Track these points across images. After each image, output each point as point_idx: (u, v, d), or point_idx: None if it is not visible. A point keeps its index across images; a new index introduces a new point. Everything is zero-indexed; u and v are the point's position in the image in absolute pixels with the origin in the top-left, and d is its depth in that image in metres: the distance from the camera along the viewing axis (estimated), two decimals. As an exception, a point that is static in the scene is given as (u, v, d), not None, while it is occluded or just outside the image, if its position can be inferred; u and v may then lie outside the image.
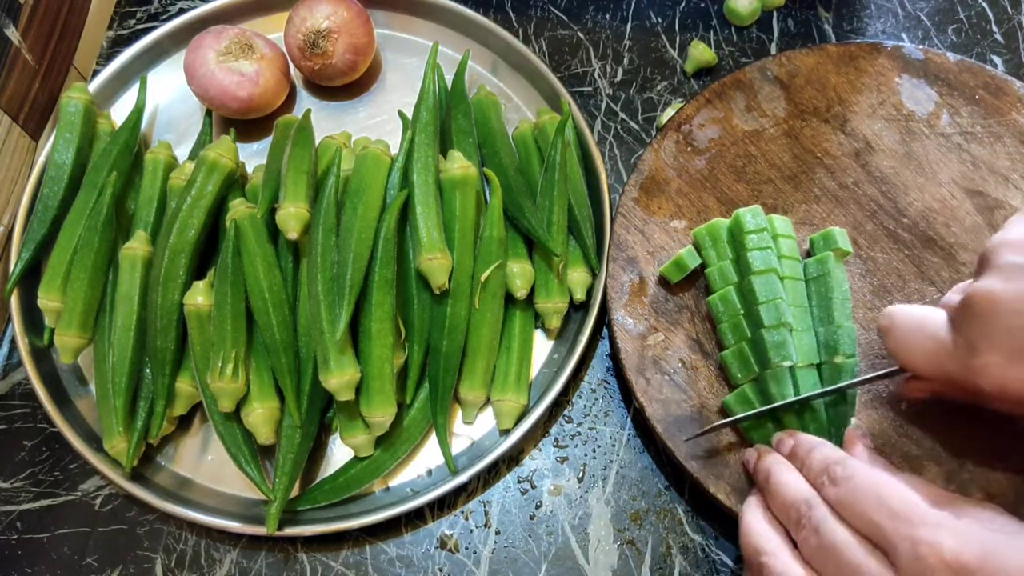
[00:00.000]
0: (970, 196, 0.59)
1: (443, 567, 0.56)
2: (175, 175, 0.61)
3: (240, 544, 0.57)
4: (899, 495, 0.40)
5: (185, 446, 0.59)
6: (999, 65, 0.69)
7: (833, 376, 0.53)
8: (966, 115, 0.61)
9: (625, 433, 0.59)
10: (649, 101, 0.69)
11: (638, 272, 0.58)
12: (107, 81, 0.67)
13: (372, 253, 0.55)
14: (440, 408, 0.57)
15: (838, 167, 0.61)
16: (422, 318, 0.58)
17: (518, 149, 0.64)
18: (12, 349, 0.62)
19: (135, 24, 0.73)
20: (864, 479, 0.41)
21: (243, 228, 0.56)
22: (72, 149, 0.62)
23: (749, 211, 0.55)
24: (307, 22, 0.63)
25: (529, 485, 0.58)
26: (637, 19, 0.72)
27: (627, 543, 0.56)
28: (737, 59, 0.70)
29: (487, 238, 0.58)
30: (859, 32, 0.71)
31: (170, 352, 0.55)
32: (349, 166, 0.59)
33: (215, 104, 0.63)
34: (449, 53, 0.68)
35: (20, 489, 0.58)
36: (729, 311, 0.55)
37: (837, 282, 0.55)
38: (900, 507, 0.39)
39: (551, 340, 0.61)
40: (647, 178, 0.61)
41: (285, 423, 0.55)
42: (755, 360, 0.53)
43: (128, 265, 0.57)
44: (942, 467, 0.53)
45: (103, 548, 0.57)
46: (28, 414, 0.61)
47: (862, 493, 0.41)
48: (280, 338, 0.54)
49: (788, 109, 0.62)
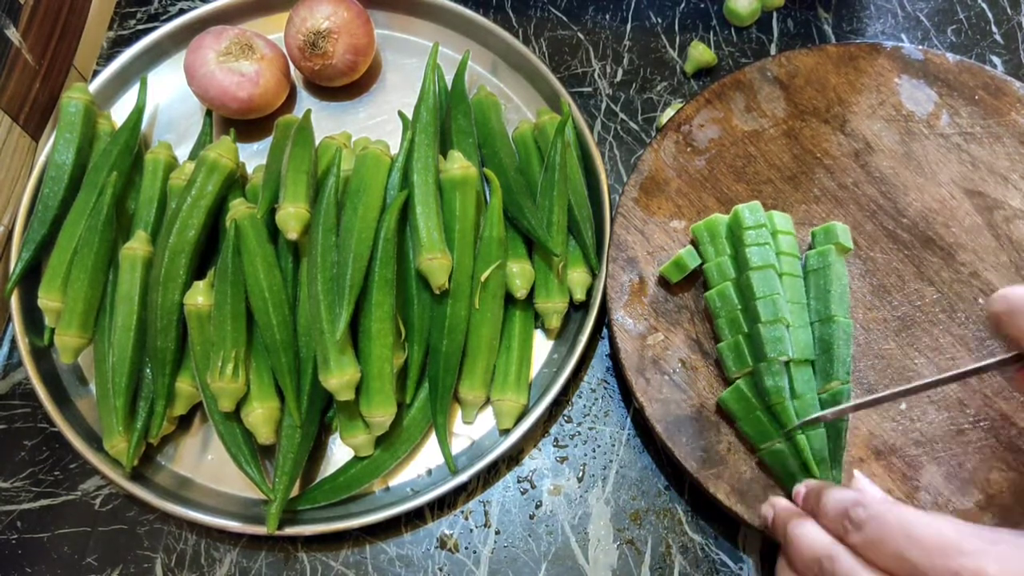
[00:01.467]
0: (969, 196, 0.59)
1: (443, 567, 0.56)
2: (175, 175, 0.61)
3: (240, 544, 0.57)
4: (930, 529, 0.38)
5: (185, 446, 0.59)
6: (999, 66, 0.69)
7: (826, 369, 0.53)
8: (966, 115, 0.61)
9: (625, 433, 0.59)
10: (649, 101, 0.69)
11: (638, 272, 0.58)
12: (107, 81, 0.67)
13: (372, 253, 0.55)
14: (440, 408, 0.57)
15: (838, 167, 0.61)
16: (422, 318, 0.58)
17: (518, 149, 0.64)
18: (12, 349, 0.62)
19: (135, 24, 0.73)
20: (888, 518, 0.40)
21: (243, 228, 0.56)
22: (72, 149, 0.62)
23: (748, 207, 0.56)
24: (307, 22, 0.63)
25: (529, 485, 0.58)
26: (637, 19, 0.72)
27: (627, 543, 0.56)
28: (737, 59, 0.70)
29: (487, 238, 0.58)
30: (859, 33, 0.71)
31: (170, 352, 0.55)
32: (349, 166, 0.59)
33: (215, 104, 0.63)
34: (449, 53, 0.68)
35: (20, 489, 0.58)
36: (726, 306, 0.55)
37: (837, 276, 0.55)
38: (935, 541, 0.38)
39: (551, 340, 0.61)
40: (647, 178, 0.61)
41: (285, 423, 0.55)
42: (750, 354, 0.53)
43: (128, 265, 0.57)
44: (941, 467, 0.53)
45: (103, 548, 0.57)
46: (28, 414, 0.61)
47: (890, 533, 0.39)
48: (280, 338, 0.55)
49: (788, 109, 0.62)
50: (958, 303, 0.57)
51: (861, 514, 0.41)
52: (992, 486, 0.52)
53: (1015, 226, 0.58)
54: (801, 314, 0.54)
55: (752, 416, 0.53)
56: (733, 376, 0.54)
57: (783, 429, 0.52)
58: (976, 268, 0.57)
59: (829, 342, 0.53)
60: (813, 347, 0.54)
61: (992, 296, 0.45)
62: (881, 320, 0.57)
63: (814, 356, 0.54)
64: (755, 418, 0.53)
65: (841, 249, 0.56)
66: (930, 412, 0.54)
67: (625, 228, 0.59)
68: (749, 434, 0.53)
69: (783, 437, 0.52)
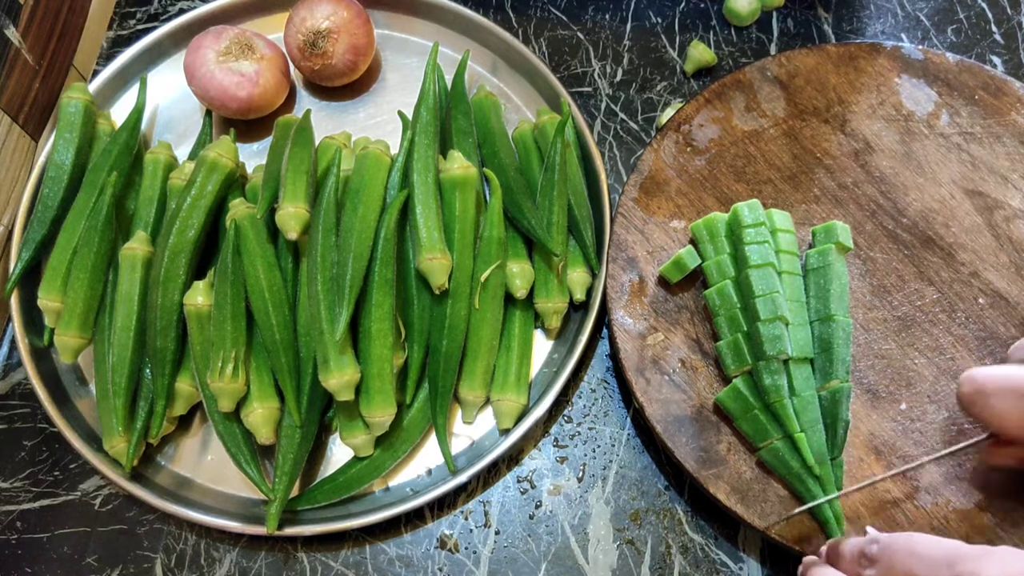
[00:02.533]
0: (969, 196, 0.59)
1: (443, 567, 0.56)
2: (175, 175, 0.61)
3: (240, 544, 0.57)
4: (934, 545, 0.39)
5: (185, 446, 0.59)
6: (999, 65, 0.69)
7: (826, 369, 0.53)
8: (966, 115, 0.61)
9: (625, 433, 0.59)
10: (649, 101, 0.69)
11: (638, 272, 0.58)
12: (107, 81, 0.67)
13: (372, 253, 0.55)
14: (440, 408, 0.57)
15: (838, 167, 0.61)
16: (422, 318, 0.58)
17: (518, 149, 0.64)
18: (12, 349, 0.62)
19: (135, 24, 0.73)
20: (897, 544, 0.41)
21: (243, 228, 0.56)
22: (72, 149, 0.62)
23: (747, 205, 0.56)
24: (307, 22, 0.63)
25: (529, 485, 0.58)
26: (637, 19, 0.72)
27: (627, 543, 0.56)
28: (737, 59, 0.70)
29: (487, 238, 0.58)
30: (859, 32, 0.71)
31: (170, 352, 0.55)
32: (349, 166, 0.59)
33: (215, 104, 0.63)
34: (449, 53, 0.68)
35: (20, 489, 0.58)
36: (725, 304, 0.55)
37: (836, 274, 0.55)
38: (938, 554, 0.39)
39: (551, 340, 0.61)
40: (647, 178, 0.61)
41: (285, 423, 0.55)
42: (749, 352, 0.53)
43: (128, 265, 0.57)
44: (941, 467, 0.53)
45: (103, 548, 0.57)
46: (28, 414, 0.61)
47: (898, 556, 0.40)
48: (280, 338, 0.55)
49: (788, 109, 0.62)
50: (958, 303, 0.57)
51: (874, 549, 0.42)
52: (992, 486, 0.52)
53: (1015, 226, 0.58)
54: (800, 312, 0.54)
55: (750, 415, 0.53)
56: (732, 375, 0.54)
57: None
58: (976, 268, 0.57)
59: (829, 341, 0.53)
60: (812, 345, 0.54)
61: (960, 377, 0.46)
62: (881, 320, 0.57)
63: (813, 354, 0.54)
64: (753, 417, 0.53)
65: (841, 248, 0.56)
66: (930, 412, 0.54)
67: (625, 228, 0.59)
68: (747, 433, 0.53)
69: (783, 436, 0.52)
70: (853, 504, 0.52)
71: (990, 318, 0.56)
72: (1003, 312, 0.56)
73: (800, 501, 0.52)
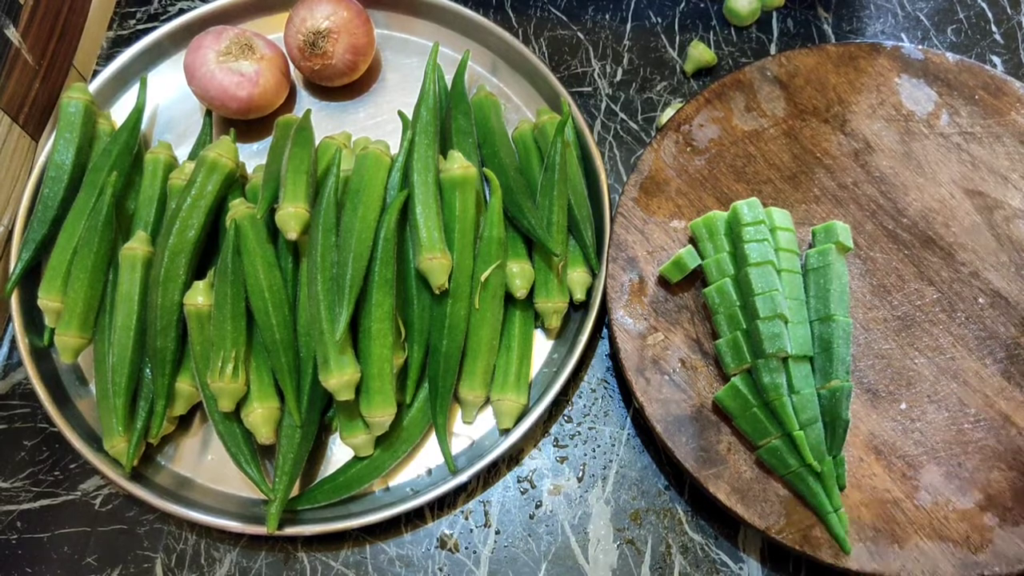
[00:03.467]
0: (969, 196, 0.59)
1: (443, 567, 0.56)
2: (175, 175, 0.61)
3: (240, 544, 0.57)
4: None
5: (185, 446, 0.59)
6: (999, 65, 0.69)
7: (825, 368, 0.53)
8: (965, 115, 0.61)
9: (625, 433, 0.59)
10: (649, 101, 0.69)
11: (638, 272, 0.58)
12: (107, 81, 0.67)
13: (372, 253, 0.55)
14: (440, 408, 0.57)
15: (837, 167, 0.61)
16: (422, 318, 0.58)
17: (518, 149, 0.64)
18: (12, 349, 0.62)
19: (135, 24, 0.73)
20: None
21: (243, 228, 0.56)
22: (72, 149, 0.62)
23: (746, 203, 0.56)
24: (307, 22, 0.63)
25: (529, 485, 0.58)
26: (637, 19, 0.72)
27: (627, 543, 0.56)
28: (737, 59, 0.70)
29: (487, 238, 0.58)
30: (859, 32, 0.71)
31: (170, 352, 0.55)
32: (349, 166, 0.59)
33: (215, 104, 0.63)
34: (449, 53, 0.68)
35: (20, 489, 0.58)
36: (725, 302, 0.55)
37: (836, 274, 0.55)
38: None
39: (551, 340, 0.61)
40: (647, 178, 0.61)
41: (285, 423, 0.55)
42: (748, 350, 0.53)
43: (128, 265, 0.57)
44: (941, 467, 0.53)
45: (103, 548, 0.57)
46: (28, 414, 0.61)
47: None
48: (280, 338, 0.55)
49: (788, 109, 0.62)
50: (958, 303, 0.57)
51: None
52: (992, 486, 0.52)
53: (1015, 226, 0.58)
54: (800, 310, 0.54)
55: (748, 413, 0.53)
56: (732, 373, 0.54)
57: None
58: (976, 268, 0.57)
59: (829, 341, 0.53)
60: (811, 343, 0.54)
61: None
62: (881, 320, 0.57)
63: (812, 352, 0.54)
64: (751, 415, 0.53)
65: (841, 248, 0.56)
66: (930, 412, 0.54)
67: (625, 228, 0.59)
68: (746, 431, 0.53)
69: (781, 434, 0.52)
70: (854, 504, 0.52)
71: (990, 318, 0.56)
72: (1003, 312, 0.56)
73: (800, 500, 0.52)
